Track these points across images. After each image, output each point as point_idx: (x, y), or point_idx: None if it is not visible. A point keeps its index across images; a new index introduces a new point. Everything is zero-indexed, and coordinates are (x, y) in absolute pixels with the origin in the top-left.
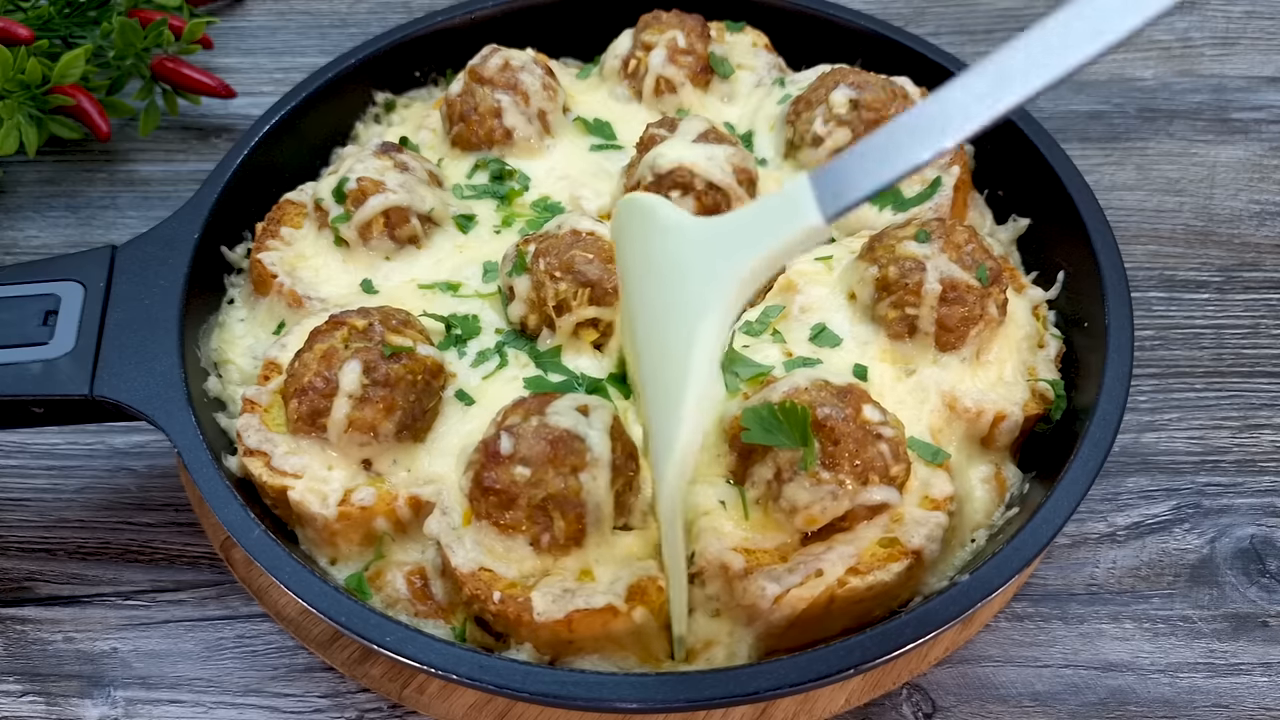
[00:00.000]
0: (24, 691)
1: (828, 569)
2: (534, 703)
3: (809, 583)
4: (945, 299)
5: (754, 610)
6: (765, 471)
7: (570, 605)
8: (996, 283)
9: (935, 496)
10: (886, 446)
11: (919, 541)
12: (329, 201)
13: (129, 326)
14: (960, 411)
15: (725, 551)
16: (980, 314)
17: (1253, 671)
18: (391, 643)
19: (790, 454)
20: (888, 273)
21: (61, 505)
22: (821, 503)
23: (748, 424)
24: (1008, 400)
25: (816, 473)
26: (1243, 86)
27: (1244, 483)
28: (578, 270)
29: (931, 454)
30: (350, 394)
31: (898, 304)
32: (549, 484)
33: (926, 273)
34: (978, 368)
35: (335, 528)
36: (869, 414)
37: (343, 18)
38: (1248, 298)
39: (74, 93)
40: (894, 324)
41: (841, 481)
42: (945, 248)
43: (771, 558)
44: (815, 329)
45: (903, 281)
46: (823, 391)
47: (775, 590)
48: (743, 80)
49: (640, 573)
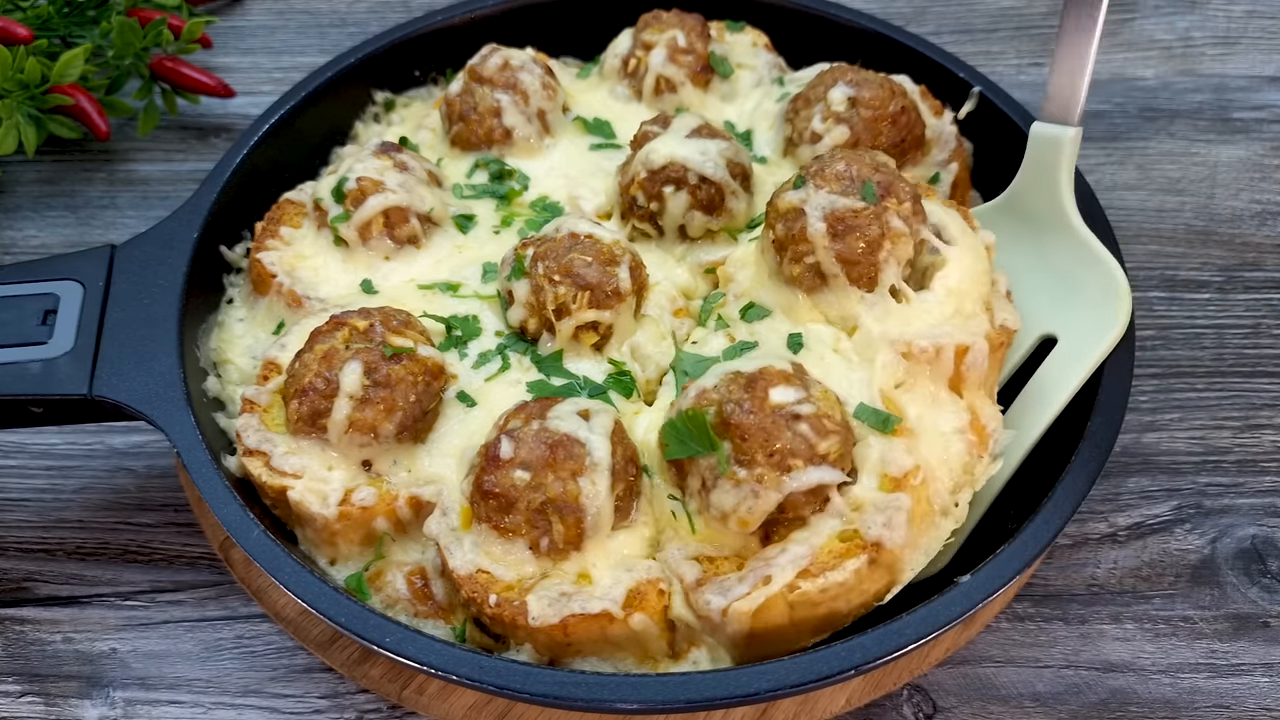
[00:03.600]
0: (23, 692)
1: (776, 575)
2: (534, 704)
3: (754, 592)
4: (834, 233)
5: (710, 623)
6: (694, 482)
7: (566, 609)
8: (889, 194)
9: (895, 474)
10: (806, 425)
11: (877, 532)
12: (328, 201)
13: (128, 326)
14: (918, 354)
15: (682, 562)
16: (880, 233)
17: (1254, 672)
18: (391, 643)
19: (709, 460)
20: (776, 231)
21: (60, 505)
22: (746, 503)
23: (667, 440)
24: (968, 331)
25: (733, 473)
26: (1244, 86)
27: (1245, 483)
28: (576, 273)
29: (880, 421)
30: (351, 395)
31: (795, 258)
32: (548, 488)
33: (807, 216)
34: (926, 304)
35: (335, 528)
36: (779, 396)
37: (342, 17)
38: (1249, 298)
39: (73, 92)
40: (803, 279)
41: (760, 477)
42: (821, 183)
43: (731, 564)
44: (744, 307)
45: (790, 234)
46: (731, 386)
47: (721, 603)
48: (743, 79)
49: (640, 576)
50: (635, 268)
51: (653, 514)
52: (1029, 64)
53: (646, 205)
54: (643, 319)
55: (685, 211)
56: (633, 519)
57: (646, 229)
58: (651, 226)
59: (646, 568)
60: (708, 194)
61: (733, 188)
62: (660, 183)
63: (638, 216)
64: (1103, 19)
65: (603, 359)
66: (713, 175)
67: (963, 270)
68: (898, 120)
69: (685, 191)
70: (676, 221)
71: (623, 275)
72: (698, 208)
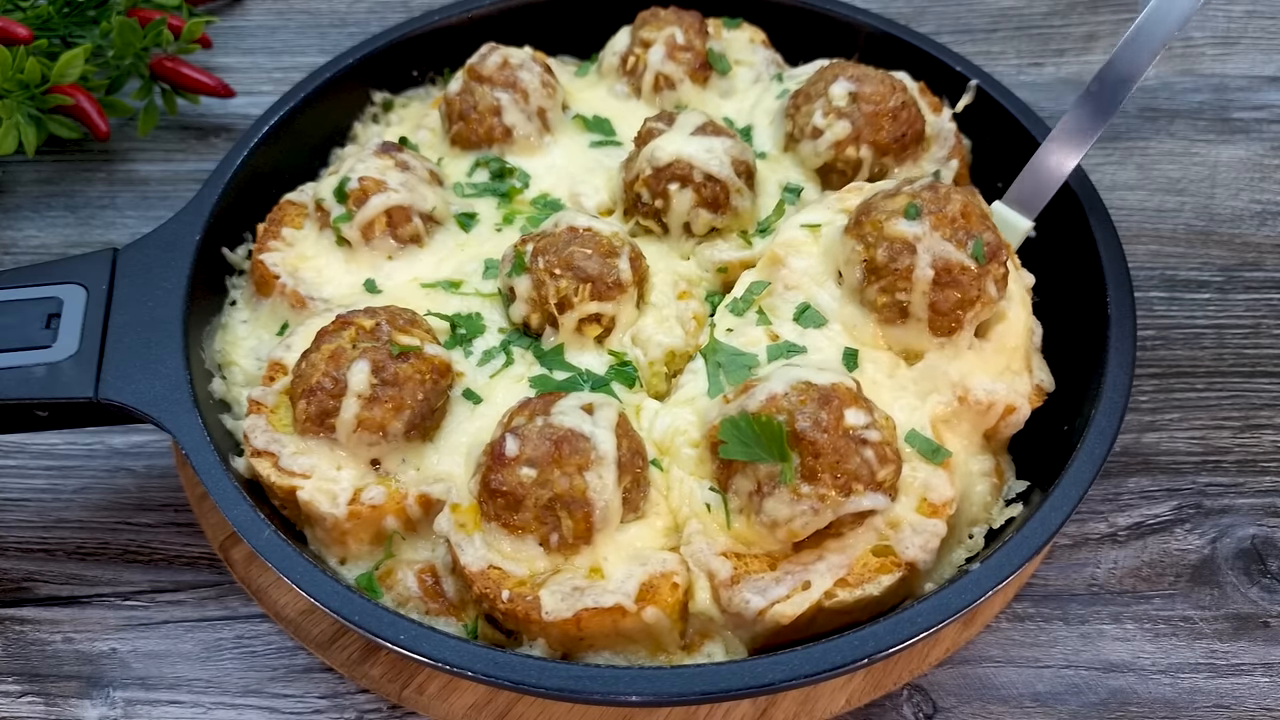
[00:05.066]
0: (23, 692)
1: (815, 581)
2: (549, 698)
3: (795, 596)
4: (939, 283)
5: (739, 619)
6: (745, 484)
7: (579, 604)
8: (994, 258)
9: (935, 501)
10: (872, 452)
11: (913, 553)
12: (330, 201)
13: (132, 329)
14: (971, 404)
15: (712, 558)
16: (976, 296)
17: (1254, 672)
18: (405, 640)
19: (770, 468)
20: (875, 255)
21: (60, 505)
22: (802, 517)
23: (725, 438)
24: (1016, 392)
25: (796, 487)
26: (1244, 86)
27: (1245, 483)
28: (577, 266)
29: (932, 451)
30: (359, 394)
31: (888, 289)
32: (555, 484)
33: (918, 256)
34: (985, 354)
35: (345, 527)
36: (852, 419)
37: (341, 17)
38: (1249, 297)
39: (73, 92)
40: (884, 310)
41: (823, 496)
42: (937, 224)
43: (761, 563)
44: (799, 308)
45: (891, 266)
46: (803, 397)
47: (760, 604)
48: (741, 76)
49: (653, 570)
50: (635, 258)
51: (667, 504)
52: (1029, 64)
53: (651, 202)
54: (645, 306)
55: (690, 209)
56: (642, 510)
57: (651, 226)
58: (656, 224)
59: (661, 560)
60: (713, 192)
61: (738, 186)
62: (665, 180)
63: (642, 214)
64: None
65: (604, 351)
66: (718, 173)
67: (1018, 326)
68: (898, 115)
69: (690, 189)
70: (681, 219)
71: (623, 266)
72: (703, 206)
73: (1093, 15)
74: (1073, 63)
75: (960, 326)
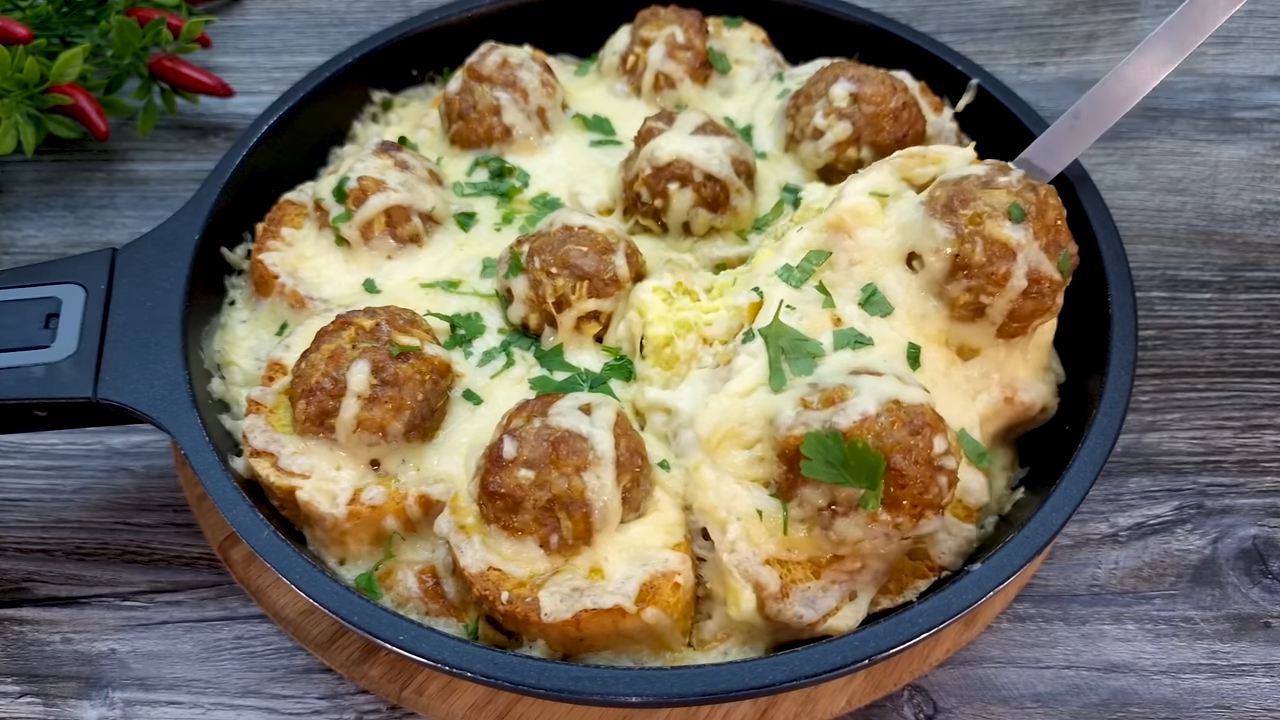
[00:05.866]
0: (22, 693)
1: (861, 591)
2: (548, 699)
3: (844, 609)
4: (1026, 293)
5: (786, 629)
6: (817, 498)
7: (578, 605)
8: (1071, 274)
9: (970, 505)
10: (945, 479)
11: (948, 559)
12: (329, 201)
13: (131, 329)
14: (1016, 404)
15: (759, 568)
16: (1049, 306)
17: (1255, 672)
18: (405, 641)
19: (851, 490)
20: (972, 252)
21: (59, 506)
22: (873, 541)
23: (811, 454)
24: (1051, 393)
25: (877, 514)
26: (1245, 86)
27: (1246, 483)
28: (573, 264)
29: (978, 456)
30: (359, 394)
31: (975, 290)
32: (553, 485)
33: (1016, 264)
34: (1028, 352)
35: (345, 527)
36: (939, 447)
37: (341, 16)
38: (1250, 297)
39: (72, 92)
40: (959, 307)
41: (899, 524)
42: (1038, 232)
43: (805, 571)
44: (866, 290)
45: (988, 269)
46: (894, 419)
47: (811, 617)
48: (741, 75)
49: (654, 570)
50: (631, 254)
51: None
52: (1030, 64)
53: (651, 202)
54: None
55: (690, 209)
56: (644, 510)
57: (650, 225)
58: (655, 223)
59: (663, 560)
60: (712, 192)
61: (737, 185)
62: (665, 180)
63: (641, 213)
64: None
65: (604, 351)
66: (718, 173)
67: (1051, 324)
68: (899, 116)
69: (690, 189)
70: (681, 219)
71: (619, 262)
72: (702, 205)
73: (1093, 15)
74: (1074, 62)
75: (1025, 334)
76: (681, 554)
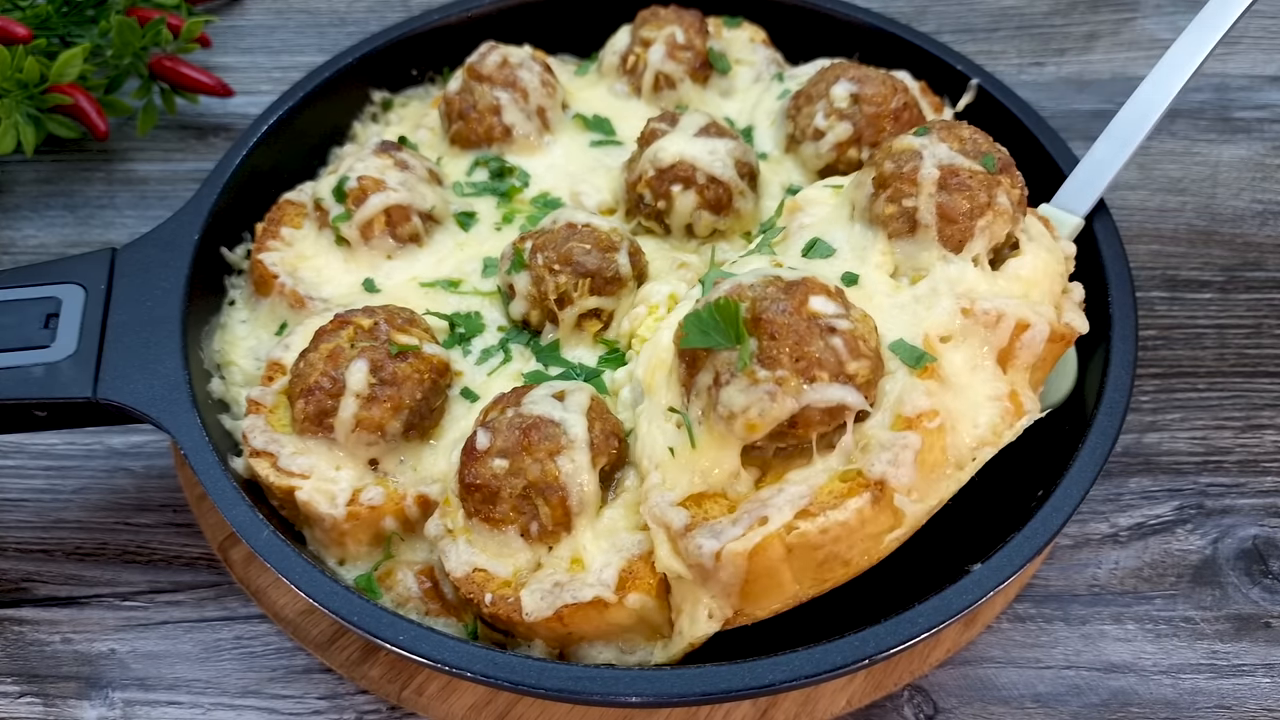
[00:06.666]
0: (21, 693)
1: (773, 515)
2: (548, 699)
3: (750, 533)
4: (945, 185)
5: (701, 570)
6: (705, 378)
7: (559, 601)
8: (1006, 172)
9: (908, 414)
10: (840, 340)
11: (881, 469)
12: (329, 201)
13: (131, 329)
14: (978, 315)
15: (668, 509)
16: (987, 202)
17: (1255, 673)
18: (405, 641)
19: (728, 354)
20: (883, 168)
21: (59, 506)
22: (759, 404)
23: (687, 329)
24: (1031, 310)
25: (753, 371)
26: (1245, 85)
27: (1247, 483)
28: (576, 261)
29: (914, 357)
30: (358, 393)
31: (894, 197)
32: (527, 472)
33: (923, 160)
34: (995, 281)
35: (344, 527)
36: (817, 305)
37: (341, 16)
38: (1250, 297)
39: (72, 91)
40: (892, 220)
41: (782, 380)
42: (945, 138)
43: (720, 508)
44: (809, 242)
45: (898, 172)
46: (769, 287)
47: (714, 546)
48: (741, 75)
49: (631, 553)
50: (634, 253)
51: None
52: (1030, 63)
53: (654, 203)
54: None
55: (693, 211)
56: (623, 494)
57: (653, 227)
58: (658, 225)
59: (636, 541)
60: (715, 194)
61: (741, 188)
62: (668, 181)
63: (644, 214)
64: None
65: (599, 346)
66: (721, 175)
67: (1037, 263)
68: (900, 116)
69: (693, 191)
70: (684, 220)
71: (622, 260)
72: (705, 207)
73: (1093, 15)
74: (1074, 62)
75: (971, 236)
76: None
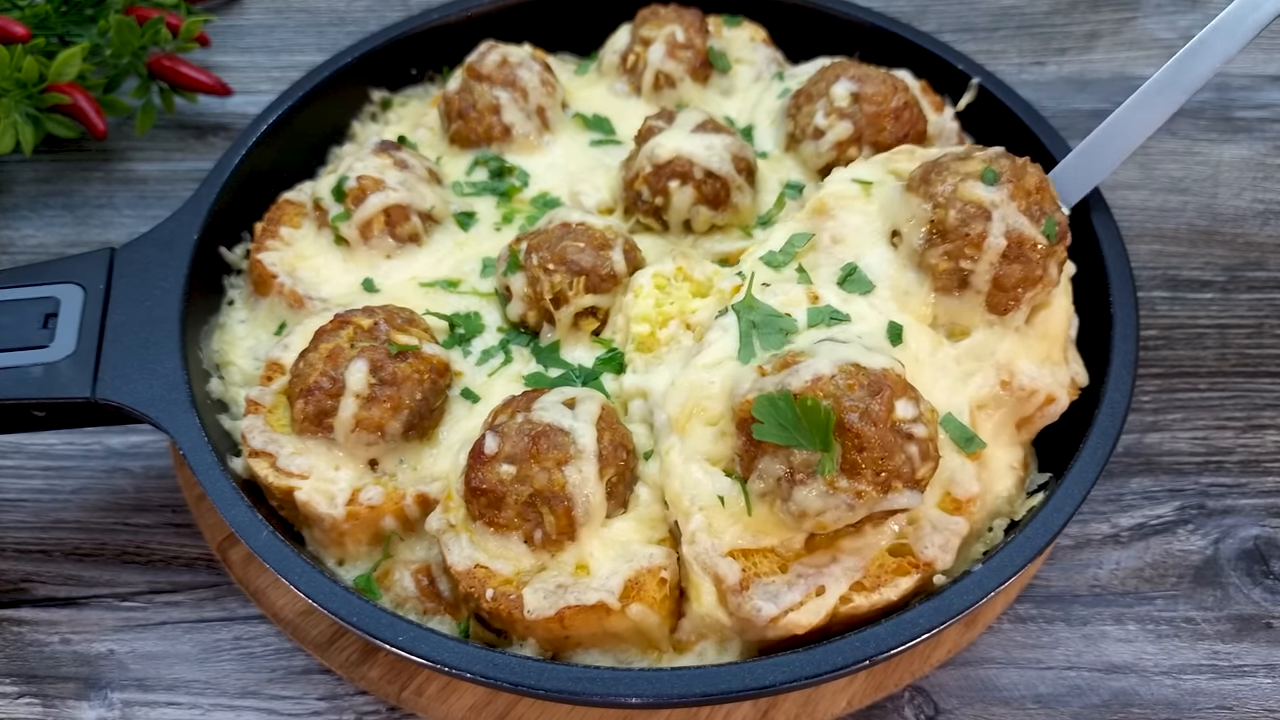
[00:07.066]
0: (20, 693)
1: (830, 586)
2: (548, 699)
3: (809, 604)
4: (1008, 256)
5: (749, 625)
6: (775, 467)
7: (562, 602)
8: (1063, 240)
9: (959, 496)
10: (916, 449)
11: (932, 553)
12: (328, 200)
13: (130, 329)
14: (1014, 389)
15: (719, 559)
16: (1040, 275)
17: (1256, 673)
18: (404, 641)
19: (806, 456)
20: (946, 216)
21: (58, 506)
22: (835, 512)
23: (762, 416)
24: (1058, 382)
25: (834, 480)
26: (1246, 85)
27: (1248, 483)
28: (570, 260)
29: (966, 440)
30: (357, 393)
31: (953, 254)
32: (534, 480)
33: (992, 223)
34: (1029, 339)
35: (344, 527)
36: (902, 411)
37: (340, 15)
38: (1252, 297)
39: (71, 91)
40: (943, 275)
41: (860, 492)
42: (1015, 194)
43: (771, 564)
44: (845, 269)
45: (963, 230)
46: (852, 381)
47: (772, 611)
48: (741, 74)
49: (640, 565)
50: (629, 250)
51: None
52: (1031, 63)
53: (651, 200)
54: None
55: (690, 206)
56: (631, 504)
57: (651, 224)
58: (656, 221)
59: (648, 555)
60: (713, 189)
61: (738, 182)
62: (665, 177)
63: (642, 211)
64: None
65: (599, 346)
66: (718, 170)
67: (1062, 314)
68: (900, 116)
69: (690, 186)
70: (681, 216)
71: (616, 258)
72: (703, 202)
73: (1094, 14)
74: (1075, 61)
75: (1017, 305)
76: (667, 549)
